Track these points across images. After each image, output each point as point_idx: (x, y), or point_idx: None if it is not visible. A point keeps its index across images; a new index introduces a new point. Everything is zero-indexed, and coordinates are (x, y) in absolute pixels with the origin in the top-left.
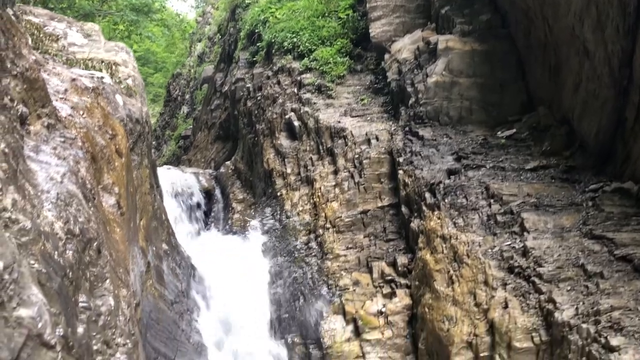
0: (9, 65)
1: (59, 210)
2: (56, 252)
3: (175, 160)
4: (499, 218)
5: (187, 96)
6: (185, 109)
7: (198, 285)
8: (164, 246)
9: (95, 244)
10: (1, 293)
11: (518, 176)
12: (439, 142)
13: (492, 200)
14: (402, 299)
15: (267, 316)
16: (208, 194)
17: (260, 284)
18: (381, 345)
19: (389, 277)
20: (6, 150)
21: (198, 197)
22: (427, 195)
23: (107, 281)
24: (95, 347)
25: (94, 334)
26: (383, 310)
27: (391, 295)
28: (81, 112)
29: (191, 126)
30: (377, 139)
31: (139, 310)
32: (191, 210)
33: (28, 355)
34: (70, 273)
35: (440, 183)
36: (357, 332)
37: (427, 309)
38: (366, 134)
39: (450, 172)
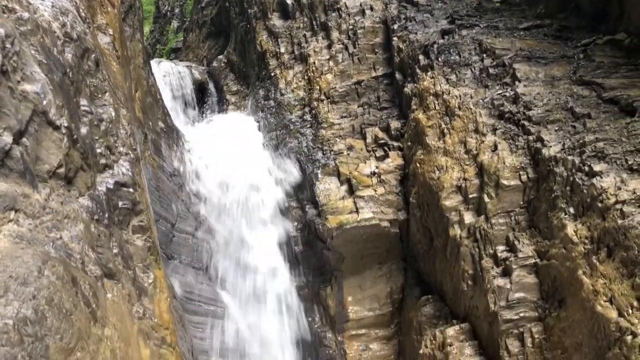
0: None
1: (55, 14)
2: (55, 49)
3: None
4: (491, 71)
5: (176, 10)
6: (175, 24)
7: (195, 162)
8: (160, 124)
9: (93, 55)
10: (4, 61)
11: (511, 34)
12: (433, 8)
13: (484, 55)
14: (394, 160)
15: (265, 182)
16: (201, 87)
17: (257, 156)
18: (374, 201)
19: (382, 141)
20: None
21: (191, 89)
22: (421, 57)
23: (107, 94)
24: (98, 150)
25: (97, 137)
26: (376, 171)
27: (384, 157)
28: None
29: (182, 39)
30: (371, 8)
31: (141, 166)
32: (185, 101)
33: (35, 131)
34: (71, 73)
35: (434, 44)
36: (351, 191)
37: (418, 164)
38: (360, 5)
39: (444, 33)
